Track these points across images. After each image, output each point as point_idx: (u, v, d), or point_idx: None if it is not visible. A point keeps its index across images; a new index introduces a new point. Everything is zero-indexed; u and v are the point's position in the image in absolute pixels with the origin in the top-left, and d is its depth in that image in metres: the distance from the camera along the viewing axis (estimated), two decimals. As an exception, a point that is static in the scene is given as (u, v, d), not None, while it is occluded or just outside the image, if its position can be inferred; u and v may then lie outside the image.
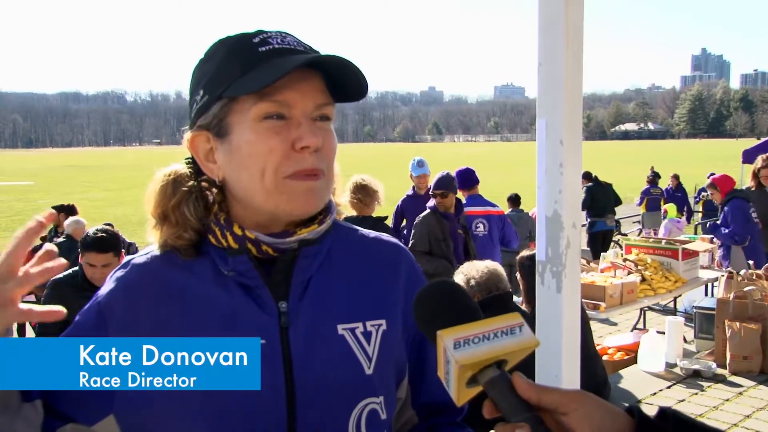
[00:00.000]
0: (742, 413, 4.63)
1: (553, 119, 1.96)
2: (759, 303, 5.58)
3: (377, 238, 1.22)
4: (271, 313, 1.05)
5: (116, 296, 1.07)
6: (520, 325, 0.77)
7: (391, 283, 1.16)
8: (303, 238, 1.07)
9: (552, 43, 1.95)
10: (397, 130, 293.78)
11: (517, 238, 7.04)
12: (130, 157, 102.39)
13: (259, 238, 1.05)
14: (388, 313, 1.13)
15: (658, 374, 5.42)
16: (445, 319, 0.77)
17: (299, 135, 1.00)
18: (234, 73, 1.00)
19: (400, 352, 1.15)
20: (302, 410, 1.02)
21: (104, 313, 1.06)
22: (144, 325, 1.04)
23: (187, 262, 1.08)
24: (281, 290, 1.06)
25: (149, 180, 1.11)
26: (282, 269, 1.07)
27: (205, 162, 1.07)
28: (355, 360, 1.07)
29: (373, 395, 1.08)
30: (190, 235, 1.07)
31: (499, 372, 0.75)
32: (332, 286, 1.10)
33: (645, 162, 47.45)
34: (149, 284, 1.07)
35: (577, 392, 0.75)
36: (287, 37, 1.04)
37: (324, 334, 1.06)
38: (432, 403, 1.20)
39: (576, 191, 2.02)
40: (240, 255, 1.05)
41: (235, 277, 1.06)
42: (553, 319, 2.00)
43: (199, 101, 1.05)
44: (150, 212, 1.09)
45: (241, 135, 1.01)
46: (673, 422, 0.72)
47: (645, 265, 7.25)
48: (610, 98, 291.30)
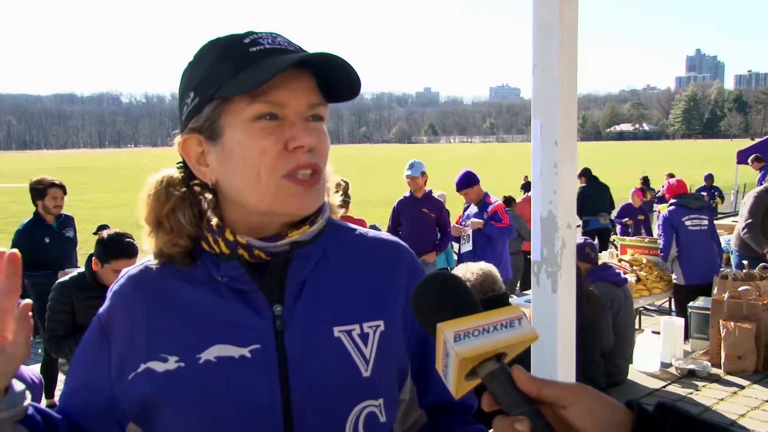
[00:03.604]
0: (737, 412, 4.65)
1: (548, 120, 1.97)
2: (753, 303, 5.60)
3: (376, 237, 1.20)
4: (266, 317, 1.04)
5: (114, 310, 1.08)
6: (519, 317, 0.76)
7: (391, 282, 1.15)
8: (294, 240, 1.06)
9: (547, 44, 1.96)
10: (393, 131, 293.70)
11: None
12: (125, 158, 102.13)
13: (251, 243, 1.04)
14: (387, 313, 1.12)
15: (653, 374, 5.43)
16: (445, 311, 0.77)
17: (293, 135, 0.99)
18: (225, 74, 0.99)
19: (401, 353, 1.13)
20: (298, 414, 1.02)
21: (105, 328, 1.08)
22: (141, 336, 1.04)
23: (181, 270, 1.08)
24: (276, 294, 1.06)
25: (144, 181, 1.11)
26: (275, 272, 1.06)
27: (197, 165, 1.06)
28: (352, 362, 1.06)
29: (371, 398, 1.07)
30: (185, 241, 1.07)
31: (499, 365, 0.75)
32: (328, 287, 1.09)
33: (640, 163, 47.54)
34: (145, 295, 1.08)
35: (577, 386, 0.75)
36: (278, 38, 1.03)
37: (320, 337, 1.05)
38: (440, 402, 1.19)
39: (571, 192, 2.02)
40: (231, 261, 1.04)
41: (229, 282, 1.05)
42: (549, 320, 2.00)
43: (189, 104, 1.04)
44: (144, 219, 1.08)
45: (233, 136, 1.00)
46: (672, 416, 0.72)
47: (640, 266, 7.28)
48: (605, 99, 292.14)
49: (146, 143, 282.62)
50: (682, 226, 6.71)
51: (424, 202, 7.05)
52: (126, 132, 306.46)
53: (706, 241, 6.67)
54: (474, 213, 6.73)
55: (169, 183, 1.09)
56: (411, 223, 7.08)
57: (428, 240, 7.02)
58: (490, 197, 6.82)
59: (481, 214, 6.62)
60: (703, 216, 6.70)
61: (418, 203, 7.06)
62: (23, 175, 58.01)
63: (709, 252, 6.66)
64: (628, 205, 12.15)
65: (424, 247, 6.91)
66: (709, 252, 6.66)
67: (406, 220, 7.12)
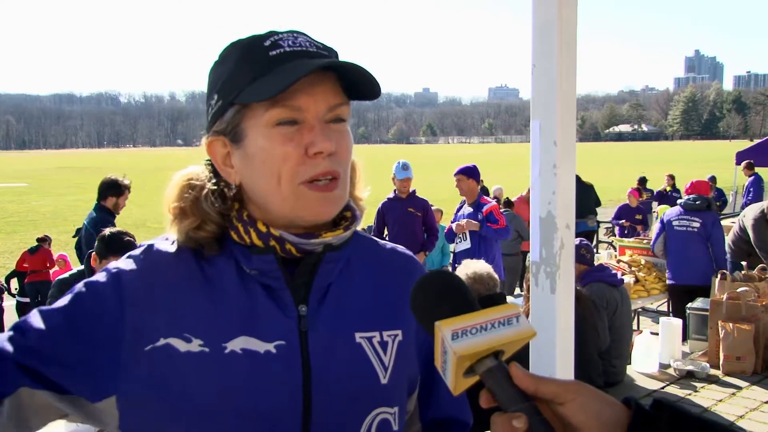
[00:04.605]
0: (736, 414, 4.65)
1: (547, 121, 1.97)
2: (752, 304, 5.60)
3: (393, 249, 1.22)
4: (290, 315, 1.04)
5: (136, 275, 1.03)
6: (516, 315, 0.77)
7: (406, 293, 1.15)
8: (328, 242, 1.05)
9: (546, 44, 1.96)
10: (392, 131, 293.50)
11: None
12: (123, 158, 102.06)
13: (284, 236, 1.03)
14: (404, 324, 1.13)
15: (652, 375, 5.43)
16: (442, 310, 0.78)
17: (312, 140, 0.99)
18: (245, 79, 0.99)
19: (413, 365, 1.15)
20: (317, 414, 1.01)
21: (123, 286, 1.02)
22: (163, 308, 1.01)
23: (208, 258, 1.06)
24: (301, 293, 1.05)
25: (144, 182, 1.11)
26: (305, 272, 1.06)
27: (222, 166, 1.07)
28: (372, 369, 1.06)
29: (387, 405, 1.07)
30: (212, 227, 1.05)
31: (497, 362, 0.76)
32: (351, 293, 1.10)
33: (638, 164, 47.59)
34: (172, 269, 1.05)
35: (574, 382, 0.75)
36: (299, 38, 1.03)
37: (342, 340, 1.06)
38: (439, 418, 1.20)
39: (570, 192, 2.02)
40: (266, 254, 1.03)
41: (257, 276, 1.04)
42: (548, 320, 2.00)
43: (213, 106, 1.05)
44: (168, 210, 1.07)
45: (255, 141, 1.00)
46: (669, 413, 0.73)
47: (638, 266, 7.29)
48: (604, 100, 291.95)
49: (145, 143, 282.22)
50: (670, 226, 6.82)
51: (409, 202, 7.04)
52: (125, 132, 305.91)
53: (692, 243, 6.66)
54: (468, 213, 6.70)
55: (196, 178, 1.09)
56: (397, 223, 7.07)
57: (416, 240, 7.00)
58: (484, 197, 6.79)
59: (476, 215, 6.60)
60: (695, 218, 6.69)
61: (403, 204, 7.05)
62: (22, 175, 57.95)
63: (695, 254, 6.64)
64: (625, 205, 12.15)
65: (412, 248, 6.89)
66: (695, 254, 6.64)
67: (392, 221, 7.11)
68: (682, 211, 6.79)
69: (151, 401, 0.98)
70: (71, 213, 27.64)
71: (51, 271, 11.45)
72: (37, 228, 21.64)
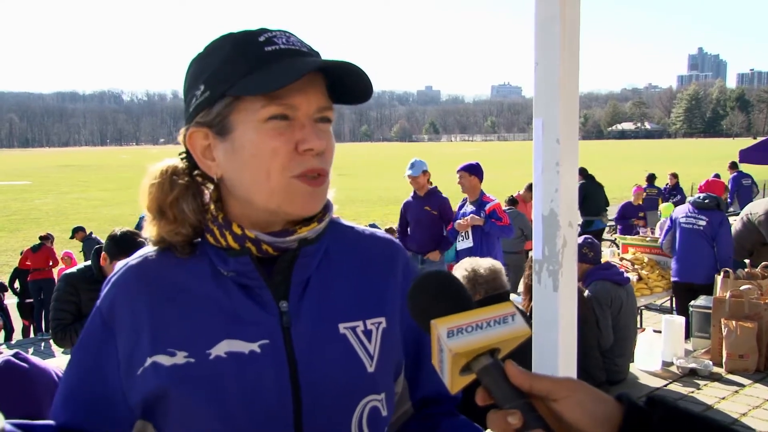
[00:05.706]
0: (739, 411, 4.65)
1: (550, 118, 1.96)
2: (755, 302, 5.60)
3: (373, 235, 1.22)
4: (272, 313, 1.04)
5: (115, 301, 1.06)
6: (512, 314, 0.78)
7: (388, 280, 1.16)
8: (303, 237, 1.06)
9: (548, 42, 1.95)
10: (394, 129, 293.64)
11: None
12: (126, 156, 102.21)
13: (259, 237, 1.04)
14: (387, 310, 1.13)
15: (655, 373, 5.43)
16: (439, 308, 0.79)
17: (303, 137, 0.99)
18: (239, 71, 0.99)
19: (398, 349, 1.15)
20: (308, 410, 1.02)
21: (107, 319, 1.06)
22: (145, 329, 1.03)
23: (182, 261, 1.07)
24: (281, 290, 1.06)
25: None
26: (282, 269, 1.06)
27: (202, 159, 1.06)
28: (357, 359, 1.07)
29: (375, 392, 1.09)
30: (187, 230, 1.06)
31: (492, 360, 0.77)
32: (332, 284, 1.10)
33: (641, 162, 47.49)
34: (148, 287, 1.06)
35: (569, 380, 0.77)
36: (291, 37, 1.03)
37: (326, 333, 1.06)
38: (428, 396, 1.22)
39: (572, 190, 2.02)
40: (242, 256, 1.04)
41: (234, 277, 1.05)
42: (550, 318, 2.00)
43: (199, 96, 1.03)
44: (146, 207, 1.08)
45: (244, 134, 1.00)
46: (662, 409, 0.74)
47: (641, 264, 7.29)
48: (607, 97, 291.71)
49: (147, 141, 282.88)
50: (678, 224, 6.82)
51: (426, 201, 7.03)
52: (127, 130, 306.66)
53: (697, 242, 6.64)
54: (471, 211, 6.68)
55: (173, 173, 1.09)
56: (415, 222, 7.08)
57: (432, 238, 6.99)
58: (486, 196, 6.77)
59: (478, 213, 6.58)
60: (702, 217, 6.68)
61: (420, 202, 7.05)
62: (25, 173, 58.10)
63: (699, 252, 6.63)
64: (628, 203, 12.14)
65: (428, 246, 6.90)
66: (699, 252, 6.63)
67: (412, 219, 7.12)
68: (691, 208, 6.79)
69: (161, 412, 1.02)
70: (74, 211, 27.73)
71: (54, 269, 11.48)
72: (39, 226, 21.73)
